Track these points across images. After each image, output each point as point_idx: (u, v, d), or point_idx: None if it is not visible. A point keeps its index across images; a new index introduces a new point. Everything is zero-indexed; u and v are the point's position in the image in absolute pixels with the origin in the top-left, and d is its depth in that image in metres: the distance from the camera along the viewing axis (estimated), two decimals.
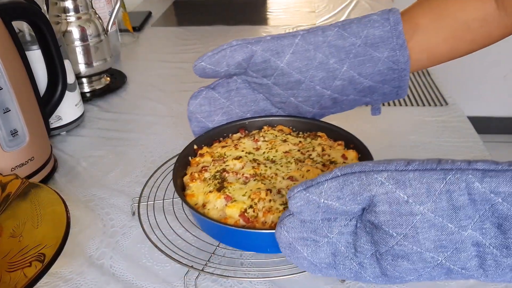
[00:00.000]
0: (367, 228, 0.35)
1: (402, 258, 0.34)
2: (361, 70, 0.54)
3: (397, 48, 0.52)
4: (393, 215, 0.33)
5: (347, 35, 0.53)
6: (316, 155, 0.55)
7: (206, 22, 1.33)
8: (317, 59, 0.53)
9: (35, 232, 0.45)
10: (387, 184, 0.33)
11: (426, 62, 0.56)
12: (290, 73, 0.54)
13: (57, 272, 0.50)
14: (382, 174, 0.33)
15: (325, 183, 0.35)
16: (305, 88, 0.55)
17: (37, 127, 0.63)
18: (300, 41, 0.54)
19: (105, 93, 0.91)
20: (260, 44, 0.54)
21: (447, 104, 0.82)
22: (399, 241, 0.33)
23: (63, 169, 0.68)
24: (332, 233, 0.36)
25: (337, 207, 0.35)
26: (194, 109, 0.59)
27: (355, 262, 0.36)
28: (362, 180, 0.34)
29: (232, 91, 0.58)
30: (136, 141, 0.75)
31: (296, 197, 0.36)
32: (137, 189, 0.61)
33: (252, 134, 0.60)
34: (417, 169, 0.33)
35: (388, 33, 0.52)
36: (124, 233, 0.55)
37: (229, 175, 0.52)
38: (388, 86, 0.55)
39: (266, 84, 0.56)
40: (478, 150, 0.69)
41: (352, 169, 0.34)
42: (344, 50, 0.53)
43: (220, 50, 0.55)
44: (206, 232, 0.50)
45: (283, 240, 0.38)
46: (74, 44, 0.86)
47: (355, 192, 0.34)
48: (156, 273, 0.49)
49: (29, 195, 0.49)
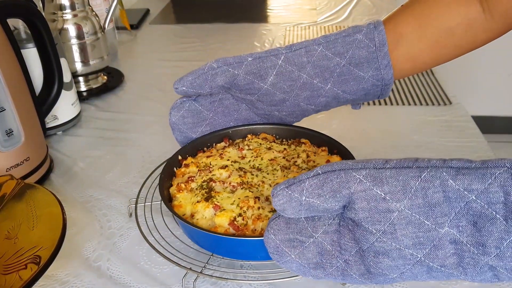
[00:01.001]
0: (349, 225, 0.36)
1: (383, 255, 0.35)
2: (345, 88, 0.55)
3: (382, 68, 0.53)
4: (371, 212, 0.34)
5: (331, 55, 0.53)
6: (301, 162, 0.57)
7: (205, 20, 1.33)
8: (301, 80, 0.54)
9: (30, 233, 0.45)
10: (365, 182, 0.34)
11: (410, 71, 0.56)
12: (274, 93, 0.55)
13: (53, 275, 0.50)
14: (361, 172, 0.35)
15: (306, 180, 0.36)
16: (289, 105, 0.57)
17: (33, 126, 0.63)
18: (283, 62, 0.54)
19: (102, 92, 0.91)
20: (242, 68, 0.54)
21: (451, 104, 0.82)
22: (379, 237, 0.35)
23: (60, 170, 0.68)
24: (317, 233, 0.37)
25: (318, 204, 0.36)
26: (177, 121, 0.59)
27: (341, 260, 0.37)
28: (341, 178, 0.35)
29: (215, 102, 0.59)
30: (133, 141, 0.75)
31: (279, 194, 0.37)
32: (135, 190, 0.61)
33: (236, 143, 0.61)
34: (394, 167, 0.35)
35: (373, 54, 0.53)
36: (122, 234, 0.55)
37: (216, 184, 0.53)
38: (371, 96, 0.57)
39: (250, 99, 0.57)
40: (482, 150, 0.69)
41: (332, 167, 0.35)
42: (329, 70, 0.54)
43: (200, 74, 0.54)
44: (197, 243, 0.51)
45: (271, 244, 0.39)
46: (70, 42, 0.86)
47: (334, 190, 0.35)
48: (154, 275, 0.49)
49: (25, 196, 0.49)
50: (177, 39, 1.22)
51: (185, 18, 1.41)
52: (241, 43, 1.14)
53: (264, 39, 1.17)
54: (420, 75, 0.94)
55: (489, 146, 0.69)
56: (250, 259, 0.49)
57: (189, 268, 0.47)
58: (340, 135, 0.61)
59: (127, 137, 0.76)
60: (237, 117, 0.60)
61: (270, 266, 0.48)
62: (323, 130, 0.62)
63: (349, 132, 0.74)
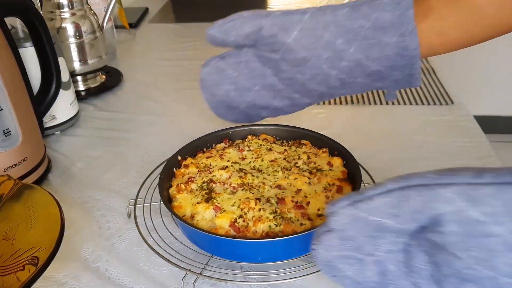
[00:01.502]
0: (425, 247, 0.32)
1: (471, 282, 0.31)
2: (369, 53, 0.53)
3: (407, 34, 0.51)
4: (463, 237, 0.30)
5: (357, 16, 0.52)
6: (302, 163, 0.57)
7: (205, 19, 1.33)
8: (325, 38, 0.53)
9: (28, 234, 0.45)
10: (457, 202, 0.29)
11: (440, 47, 0.54)
12: (297, 50, 0.54)
13: (51, 276, 0.50)
14: (449, 188, 0.30)
15: (376, 198, 0.32)
16: (311, 66, 0.55)
17: (31, 126, 0.63)
18: (309, 18, 0.54)
19: (100, 91, 0.91)
20: (269, 18, 0.55)
21: (453, 103, 0.82)
22: (470, 264, 0.30)
23: (58, 170, 0.68)
24: (379, 251, 0.33)
25: (390, 225, 0.31)
26: (203, 77, 0.59)
27: (408, 281, 0.33)
28: (425, 196, 0.30)
29: (241, 63, 0.59)
30: (132, 141, 0.75)
31: (340, 213, 0.33)
32: (134, 191, 0.61)
33: (236, 143, 0.62)
34: (491, 182, 0.30)
35: (398, 18, 0.51)
36: (120, 235, 0.55)
37: (216, 185, 0.53)
38: (399, 72, 0.54)
39: (274, 59, 0.56)
40: (484, 150, 0.68)
41: (409, 181, 0.31)
42: (353, 32, 0.53)
43: (230, 20, 0.55)
44: (196, 245, 0.51)
45: (321, 258, 0.35)
46: (68, 41, 0.86)
47: (415, 210, 0.30)
48: (153, 277, 0.49)
49: (23, 197, 0.49)
50: (176, 38, 1.22)
51: (185, 17, 1.41)
52: None
53: None
54: (421, 74, 0.94)
55: (491, 146, 0.69)
56: (251, 261, 0.49)
57: (188, 270, 0.47)
58: (341, 136, 0.61)
59: (126, 137, 0.76)
60: (262, 83, 0.59)
61: (270, 267, 0.48)
62: (324, 130, 0.62)
63: (350, 133, 0.74)
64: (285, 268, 0.47)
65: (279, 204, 0.50)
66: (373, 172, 0.59)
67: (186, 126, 0.78)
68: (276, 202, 0.50)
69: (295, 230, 0.47)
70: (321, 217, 0.49)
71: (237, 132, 0.62)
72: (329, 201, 0.50)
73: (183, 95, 0.89)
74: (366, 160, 0.61)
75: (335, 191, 0.52)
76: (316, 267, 0.46)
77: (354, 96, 0.86)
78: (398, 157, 0.67)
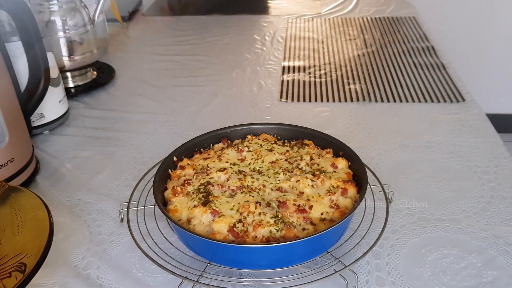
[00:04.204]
0: None
1: None
2: None
3: None
4: None
5: None
6: (305, 165, 0.57)
7: (202, 11, 1.33)
8: None
9: (15, 239, 0.45)
10: None
11: None
12: None
13: (40, 284, 0.50)
14: None
15: None
16: None
17: (18, 125, 0.63)
18: None
19: (91, 88, 0.91)
20: None
21: (464, 101, 0.82)
22: None
23: (46, 171, 0.68)
24: None
25: None
26: None
27: None
28: None
29: None
30: (125, 141, 0.75)
31: None
32: (127, 193, 0.61)
33: (235, 144, 0.62)
34: None
35: None
36: (112, 241, 0.55)
37: (214, 188, 0.53)
38: None
39: None
40: (497, 150, 0.69)
41: None
42: None
43: None
44: (193, 250, 0.51)
45: None
46: (57, 35, 0.86)
47: None
48: (147, 284, 0.49)
49: (9, 200, 0.49)
50: (172, 32, 1.22)
51: (181, 10, 1.41)
52: (240, 36, 1.14)
53: (265, 32, 1.17)
54: (431, 70, 0.94)
55: (505, 146, 0.69)
56: (251, 267, 0.49)
57: (184, 277, 0.47)
58: (346, 135, 0.61)
59: (118, 136, 0.76)
60: None
61: (271, 274, 0.48)
62: (327, 129, 0.62)
63: (355, 132, 0.74)
64: (286, 275, 0.47)
65: (280, 208, 0.50)
66: (380, 174, 0.60)
67: (182, 125, 0.78)
68: (277, 206, 0.50)
69: (297, 235, 0.47)
70: (324, 222, 0.49)
71: (236, 132, 0.62)
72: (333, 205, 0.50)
73: (179, 92, 0.89)
74: (372, 161, 0.61)
75: (340, 194, 0.52)
76: (319, 274, 0.46)
77: (360, 94, 0.86)
78: (406, 158, 0.67)
